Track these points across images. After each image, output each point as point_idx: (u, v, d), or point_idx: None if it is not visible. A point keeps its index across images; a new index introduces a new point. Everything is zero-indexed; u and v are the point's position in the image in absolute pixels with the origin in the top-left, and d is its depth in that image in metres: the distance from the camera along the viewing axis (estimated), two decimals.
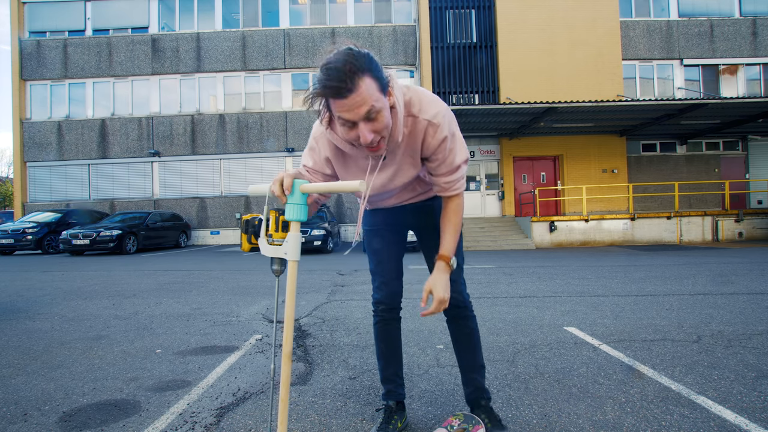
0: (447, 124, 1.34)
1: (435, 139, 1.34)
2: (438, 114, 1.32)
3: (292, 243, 1.18)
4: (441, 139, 1.34)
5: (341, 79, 1.09)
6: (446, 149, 1.37)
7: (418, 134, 1.35)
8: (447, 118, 1.34)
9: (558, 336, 3.09)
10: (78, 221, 13.36)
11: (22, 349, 2.94)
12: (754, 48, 16.08)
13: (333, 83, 1.10)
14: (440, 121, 1.32)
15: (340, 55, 1.12)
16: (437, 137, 1.34)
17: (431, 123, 1.32)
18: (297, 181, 1.18)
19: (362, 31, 16.38)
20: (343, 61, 1.10)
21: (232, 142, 16.41)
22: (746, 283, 5.25)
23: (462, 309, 1.66)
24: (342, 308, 4.18)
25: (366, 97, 1.12)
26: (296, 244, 1.19)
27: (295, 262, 1.18)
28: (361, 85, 1.11)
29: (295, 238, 1.18)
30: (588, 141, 15.46)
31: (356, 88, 1.10)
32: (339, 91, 1.10)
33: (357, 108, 1.13)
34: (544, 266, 7.49)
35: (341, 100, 1.12)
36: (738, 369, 2.36)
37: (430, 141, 1.35)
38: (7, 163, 42.15)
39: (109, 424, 1.83)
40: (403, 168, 1.44)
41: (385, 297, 1.69)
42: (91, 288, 5.65)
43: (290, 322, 1.20)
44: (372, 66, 1.14)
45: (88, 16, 16.76)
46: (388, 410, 1.73)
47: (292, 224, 1.18)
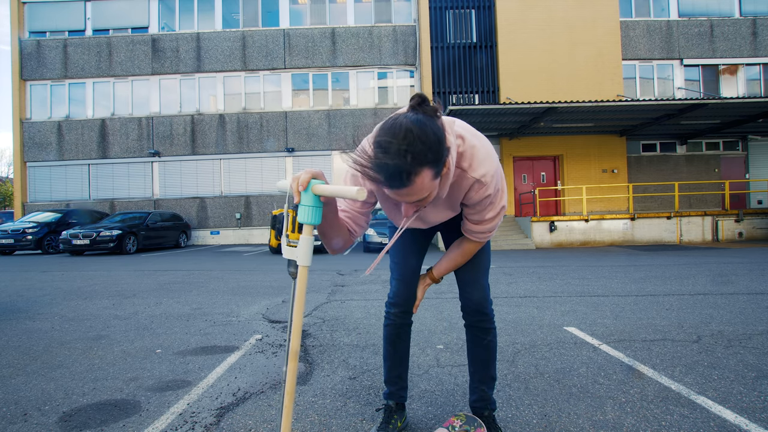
0: (494, 184, 1.33)
1: (478, 195, 1.34)
2: (487, 174, 1.29)
3: (302, 247, 1.11)
4: (484, 197, 1.34)
5: (398, 177, 1.02)
6: (486, 204, 1.38)
7: (463, 187, 1.34)
8: (496, 178, 1.33)
9: (558, 336, 3.09)
10: (78, 221, 13.36)
11: (22, 349, 2.94)
12: (754, 48, 16.07)
13: (388, 179, 1.03)
14: (488, 181, 1.31)
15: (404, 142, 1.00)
16: (481, 194, 1.33)
17: (479, 181, 1.30)
18: (312, 181, 1.09)
19: (362, 31, 16.38)
20: (405, 151, 1.00)
21: (232, 142, 16.41)
22: (746, 283, 5.25)
23: (484, 316, 1.63)
24: (342, 308, 4.18)
25: (419, 190, 1.08)
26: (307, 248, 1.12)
27: (305, 267, 1.12)
28: (416, 180, 1.04)
29: (307, 242, 1.11)
30: (588, 141, 15.46)
31: (411, 184, 1.05)
32: (392, 184, 1.05)
33: (406, 197, 1.11)
34: (544, 266, 7.49)
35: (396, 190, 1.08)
36: (738, 369, 2.36)
37: (473, 195, 1.35)
38: (7, 163, 42.15)
39: (109, 424, 1.83)
40: (440, 210, 1.45)
41: (401, 299, 1.68)
42: (91, 288, 5.65)
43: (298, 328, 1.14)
44: (435, 157, 1.05)
45: (88, 16, 16.76)
46: (388, 410, 1.73)
47: (305, 227, 1.12)
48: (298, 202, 1.09)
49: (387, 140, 1.02)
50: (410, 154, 1.00)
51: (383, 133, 1.05)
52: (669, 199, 15.28)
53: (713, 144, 16.25)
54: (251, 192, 16.40)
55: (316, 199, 1.09)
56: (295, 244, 1.15)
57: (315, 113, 16.37)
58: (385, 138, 1.03)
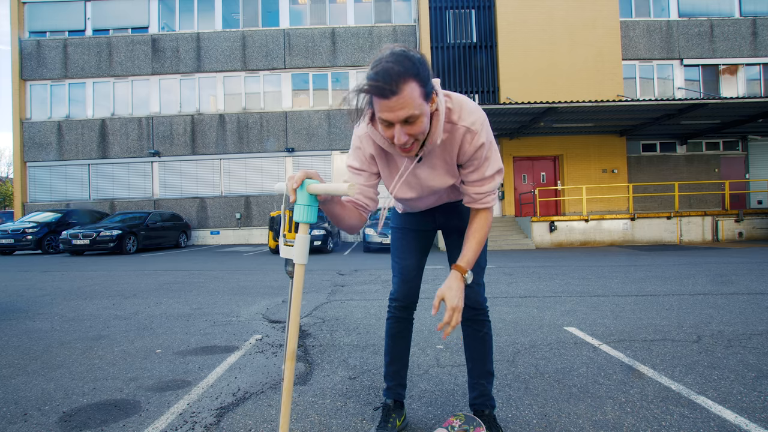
0: (485, 132, 1.36)
1: (472, 146, 1.36)
2: (476, 122, 1.34)
3: (298, 245, 1.15)
4: (478, 146, 1.36)
5: (387, 81, 1.11)
6: (482, 157, 1.38)
7: (456, 141, 1.37)
8: (485, 126, 1.37)
9: (558, 336, 3.09)
10: (78, 221, 13.36)
11: (22, 349, 2.94)
12: (754, 48, 16.07)
13: (379, 83, 1.12)
14: (478, 129, 1.34)
15: (392, 56, 1.14)
16: (474, 144, 1.35)
17: (469, 130, 1.34)
18: (306, 181, 1.12)
19: (362, 31, 16.38)
20: (393, 62, 1.13)
21: (232, 142, 16.41)
22: (746, 283, 5.25)
23: (479, 312, 1.66)
24: (342, 308, 4.18)
25: (407, 101, 1.15)
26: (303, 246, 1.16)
27: (301, 265, 1.15)
28: (404, 89, 1.13)
29: (302, 241, 1.15)
30: (588, 141, 15.46)
31: (399, 92, 1.13)
32: (383, 92, 1.13)
33: (397, 110, 1.16)
34: (544, 266, 7.49)
35: (383, 101, 1.15)
36: (738, 369, 2.36)
37: (467, 148, 1.37)
38: (7, 163, 42.15)
39: (109, 424, 1.83)
40: (438, 172, 1.45)
41: (401, 295, 1.71)
42: (91, 288, 5.65)
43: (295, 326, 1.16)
44: (419, 72, 1.15)
45: (88, 16, 16.76)
46: (386, 409, 1.73)
47: (301, 226, 1.15)
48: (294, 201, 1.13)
49: (378, 59, 1.16)
50: (396, 64, 1.13)
51: (374, 60, 1.18)
52: (669, 199, 15.28)
53: (713, 144, 16.25)
54: (251, 192, 16.40)
55: (312, 198, 1.12)
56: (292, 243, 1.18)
57: (315, 113, 16.37)
58: (377, 59, 1.17)
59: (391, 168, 1.48)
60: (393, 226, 1.80)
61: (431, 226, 1.73)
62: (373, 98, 1.18)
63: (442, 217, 1.71)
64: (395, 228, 1.78)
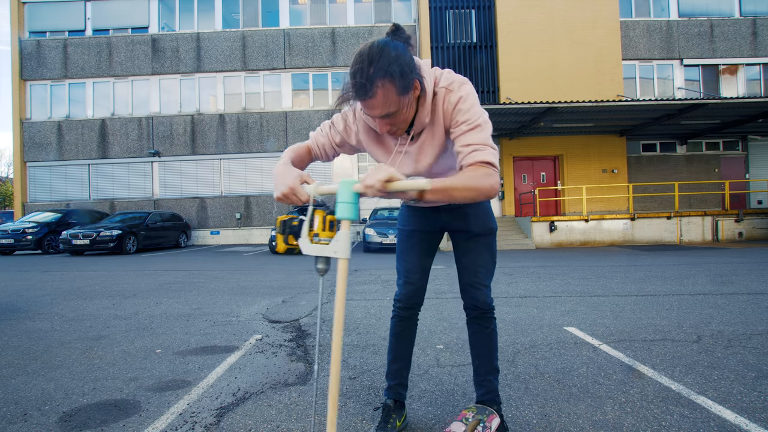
0: (461, 89, 1.34)
1: (449, 103, 1.35)
2: (453, 82, 1.36)
3: (343, 241, 1.20)
4: (455, 101, 1.33)
5: (361, 84, 1.17)
6: (463, 111, 1.32)
7: (438, 105, 1.38)
8: (462, 84, 1.36)
9: (558, 336, 3.09)
10: (78, 221, 13.36)
11: (22, 349, 2.94)
12: (754, 48, 16.07)
13: (354, 86, 1.20)
14: (454, 87, 1.35)
15: (369, 55, 1.18)
16: (451, 100, 1.34)
17: (447, 89, 1.36)
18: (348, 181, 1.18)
19: (362, 31, 16.38)
20: (368, 62, 1.17)
21: (232, 142, 16.41)
22: (746, 283, 5.25)
23: (486, 311, 1.67)
24: None
25: (381, 103, 1.21)
26: (347, 242, 1.21)
27: (346, 260, 1.21)
28: (378, 92, 1.18)
29: (346, 237, 1.20)
30: (588, 141, 15.46)
31: (374, 95, 1.19)
32: (359, 94, 1.20)
33: (372, 110, 1.24)
34: (544, 266, 7.49)
35: (361, 101, 1.23)
36: (738, 369, 2.36)
37: (446, 107, 1.36)
38: (7, 163, 42.17)
39: (109, 424, 1.83)
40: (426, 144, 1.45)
41: (405, 296, 1.71)
42: (91, 288, 5.65)
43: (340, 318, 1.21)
44: (393, 70, 1.18)
45: (88, 16, 16.76)
46: (386, 409, 1.73)
47: (343, 223, 1.21)
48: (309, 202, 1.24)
49: (356, 57, 1.20)
50: (372, 66, 1.16)
51: (356, 54, 1.21)
52: (669, 199, 15.28)
53: (713, 144, 16.25)
54: (251, 192, 16.40)
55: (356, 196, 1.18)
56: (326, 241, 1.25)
57: (315, 113, 16.37)
58: (356, 56, 1.21)
59: (381, 146, 1.52)
60: (398, 227, 1.80)
61: (437, 227, 1.72)
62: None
63: (447, 218, 1.70)
64: (401, 229, 1.78)
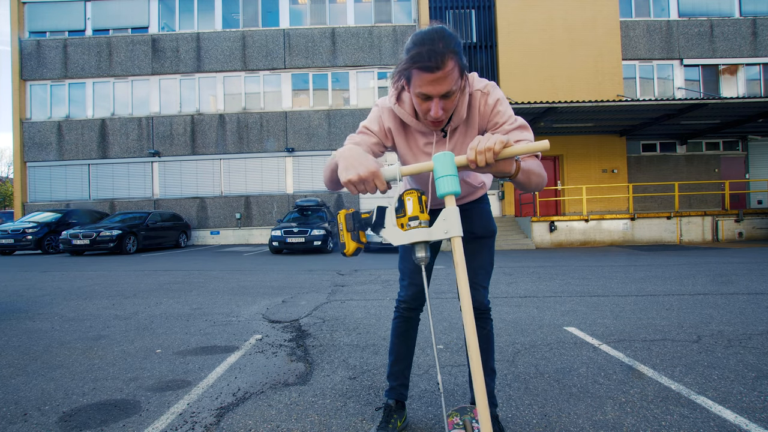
0: (495, 92, 1.41)
1: (488, 105, 1.40)
2: (487, 85, 1.41)
3: (453, 217, 1.08)
4: (493, 103, 1.39)
5: (432, 55, 1.15)
6: (504, 112, 1.40)
7: (474, 108, 1.42)
8: (495, 88, 1.42)
9: (558, 336, 3.09)
10: (78, 221, 13.36)
11: (22, 349, 2.94)
12: (754, 48, 16.07)
13: (426, 56, 1.16)
14: (490, 90, 1.41)
15: (434, 32, 1.19)
16: (489, 102, 1.40)
17: (482, 92, 1.40)
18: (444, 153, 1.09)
19: (362, 31, 16.37)
20: (438, 37, 1.17)
21: (232, 142, 16.41)
22: (746, 283, 5.25)
23: (482, 312, 1.67)
24: (342, 308, 4.18)
25: (449, 77, 1.19)
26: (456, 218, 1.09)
27: (459, 237, 1.08)
28: (448, 64, 1.17)
29: (455, 212, 1.08)
30: (588, 141, 15.46)
31: (444, 67, 1.17)
32: (428, 67, 1.16)
33: (439, 85, 1.20)
34: (544, 266, 7.49)
35: (427, 74, 1.18)
36: (738, 369, 2.36)
37: (483, 109, 1.41)
38: (7, 163, 42.18)
39: (109, 424, 1.83)
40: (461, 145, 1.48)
41: (410, 297, 1.72)
42: (91, 288, 5.65)
43: (467, 303, 1.06)
44: (458, 49, 1.20)
45: (88, 16, 16.76)
46: (388, 409, 1.73)
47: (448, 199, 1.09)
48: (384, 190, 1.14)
49: (420, 36, 1.20)
50: (441, 40, 1.17)
51: (415, 35, 1.23)
52: (669, 199, 15.28)
53: (713, 144, 16.25)
54: (251, 192, 16.40)
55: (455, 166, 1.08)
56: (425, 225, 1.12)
57: (315, 113, 16.37)
58: (419, 36, 1.21)
59: (411, 144, 1.51)
60: None
61: None
62: (415, 73, 1.20)
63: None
64: None
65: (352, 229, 1.22)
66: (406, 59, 1.21)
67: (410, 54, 1.19)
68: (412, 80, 1.24)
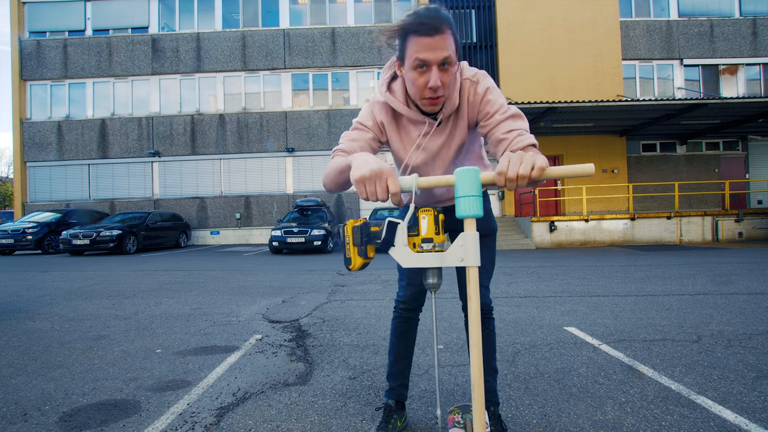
0: (485, 80, 1.39)
1: (477, 95, 1.37)
2: (476, 73, 1.39)
3: (471, 244, 0.95)
4: (482, 92, 1.37)
5: (432, 18, 1.16)
6: (495, 101, 1.36)
7: (463, 96, 1.39)
8: (485, 76, 1.40)
9: (558, 336, 3.09)
10: (78, 221, 13.36)
11: (22, 349, 2.94)
12: (754, 48, 16.08)
13: (424, 20, 1.16)
14: (479, 78, 1.38)
15: (431, 7, 1.20)
16: (478, 91, 1.37)
17: (471, 80, 1.38)
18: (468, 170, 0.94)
19: (362, 31, 16.38)
20: (434, 9, 1.19)
21: (232, 142, 16.41)
22: (746, 283, 5.25)
23: (485, 313, 1.67)
24: (342, 308, 4.18)
25: (449, 42, 1.18)
26: (475, 246, 0.95)
27: (476, 268, 0.96)
28: (447, 30, 1.18)
29: (474, 239, 0.95)
30: (588, 141, 15.46)
31: (444, 32, 1.16)
32: (428, 29, 1.16)
33: (439, 50, 1.17)
34: (544, 266, 7.49)
35: (426, 38, 1.16)
36: (738, 369, 2.36)
37: (473, 98, 1.38)
38: (7, 163, 42.19)
39: (109, 424, 1.83)
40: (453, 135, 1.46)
41: (409, 298, 1.71)
42: (91, 288, 5.65)
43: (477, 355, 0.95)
44: (453, 27, 1.21)
45: (88, 16, 16.77)
46: (388, 409, 1.73)
47: (467, 222, 0.96)
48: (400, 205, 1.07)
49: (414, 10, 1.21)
50: (437, 11, 1.18)
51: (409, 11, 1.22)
52: (669, 199, 15.28)
53: (713, 144, 16.26)
54: (251, 192, 16.40)
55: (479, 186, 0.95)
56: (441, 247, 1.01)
57: (315, 113, 16.38)
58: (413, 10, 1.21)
59: (403, 137, 1.49)
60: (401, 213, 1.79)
61: None
62: (411, 38, 1.19)
63: (450, 218, 1.70)
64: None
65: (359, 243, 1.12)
66: (402, 26, 1.20)
67: (407, 22, 1.18)
68: (408, 49, 1.20)
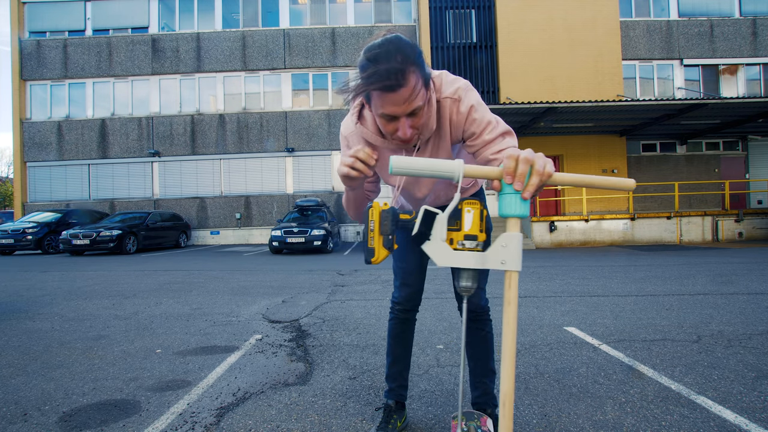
0: (468, 97, 1.28)
1: (460, 114, 1.28)
2: (458, 89, 1.28)
3: (514, 247, 0.87)
4: (466, 111, 1.27)
5: (392, 73, 1.02)
6: (481, 119, 1.27)
7: (444, 116, 1.30)
8: (468, 91, 1.29)
9: (558, 336, 3.09)
10: (78, 221, 13.36)
11: (22, 349, 2.94)
12: (754, 48, 16.07)
13: (383, 76, 1.03)
14: (461, 95, 1.28)
15: (390, 45, 1.05)
16: (462, 110, 1.27)
17: (453, 99, 1.28)
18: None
19: (362, 31, 16.37)
20: (394, 51, 1.03)
21: (232, 142, 16.41)
22: (746, 283, 5.25)
23: (482, 314, 1.67)
24: (342, 308, 4.18)
25: (414, 92, 1.08)
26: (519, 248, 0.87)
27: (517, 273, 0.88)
28: (411, 79, 1.05)
29: (518, 241, 0.87)
30: (588, 141, 15.46)
31: (406, 84, 1.05)
32: (389, 86, 1.04)
33: (404, 103, 1.09)
34: (544, 266, 7.49)
35: (389, 95, 1.06)
36: (738, 369, 2.36)
37: (456, 118, 1.29)
38: (7, 163, 42.19)
39: (109, 424, 1.83)
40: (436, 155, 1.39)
41: (404, 298, 1.71)
42: (91, 288, 5.65)
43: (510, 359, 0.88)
44: (419, 60, 1.09)
45: (88, 16, 16.76)
46: (388, 409, 1.73)
47: (511, 222, 0.88)
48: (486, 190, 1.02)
49: (375, 51, 1.05)
50: (398, 53, 1.03)
51: (369, 50, 1.07)
52: (669, 199, 15.28)
53: (713, 144, 16.25)
54: (251, 192, 16.40)
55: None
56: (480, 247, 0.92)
57: (315, 113, 16.38)
58: (373, 51, 1.05)
59: (384, 161, 1.42)
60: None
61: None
62: (374, 94, 1.09)
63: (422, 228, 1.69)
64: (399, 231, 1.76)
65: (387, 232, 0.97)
66: (362, 79, 1.05)
67: (366, 73, 1.04)
68: (373, 101, 1.12)
